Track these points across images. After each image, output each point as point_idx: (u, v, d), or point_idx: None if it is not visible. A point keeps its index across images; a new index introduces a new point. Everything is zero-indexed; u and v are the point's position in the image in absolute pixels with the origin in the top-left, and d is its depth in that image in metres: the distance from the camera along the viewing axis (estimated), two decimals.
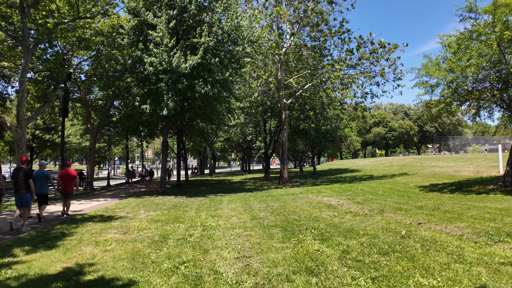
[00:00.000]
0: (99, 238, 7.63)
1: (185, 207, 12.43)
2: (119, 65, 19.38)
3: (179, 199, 15.37)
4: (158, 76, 16.84)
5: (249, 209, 11.25)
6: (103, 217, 10.88)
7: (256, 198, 14.88)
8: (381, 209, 10.09)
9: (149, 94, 17.40)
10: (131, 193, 20.86)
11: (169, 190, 22.16)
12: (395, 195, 14.15)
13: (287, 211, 10.38)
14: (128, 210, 12.30)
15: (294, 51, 22.66)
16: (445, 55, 15.23)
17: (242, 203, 13.24)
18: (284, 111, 24.14)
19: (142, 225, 9.04)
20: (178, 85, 16.87)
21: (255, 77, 22.38)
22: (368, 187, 17.86)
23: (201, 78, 16.89)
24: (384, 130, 79.89)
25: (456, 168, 25.85)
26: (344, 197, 13.38)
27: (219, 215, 10.16)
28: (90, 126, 25.25)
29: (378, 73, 23.10)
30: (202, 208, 12.10)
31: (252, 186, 24.64)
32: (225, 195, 16.87)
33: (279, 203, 12.62)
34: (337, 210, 10.11)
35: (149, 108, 16.50)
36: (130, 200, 15.80)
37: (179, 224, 8.86)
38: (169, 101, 15.77)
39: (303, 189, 18.82)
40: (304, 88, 24.79)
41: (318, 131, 31.31)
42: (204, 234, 7.50)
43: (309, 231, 7.27)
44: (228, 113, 26.88)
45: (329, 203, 11.84)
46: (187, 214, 10.62)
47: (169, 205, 13.32)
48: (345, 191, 16.51)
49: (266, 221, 8.86)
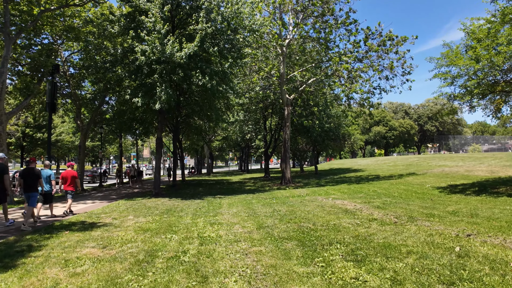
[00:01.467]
0: (71, 254, 6.12)
1: (180, 212, 10.92)
2: (110, 56, 17.81)
3: (173, 202, 13.85)
4: (151, 66, 15.33)
5: (254, 215, 9.76)
6: (84, 224, 9.36)
7: (259, 201, 13.39)
8: (409, 215, 8.62)
9: (141, 87, 15.88)
10: (122, 194, 19.32)
11: (164, 191, 20.62)
12: (415, 198, 12.70)
13: (298, 218, 8.89)
14: (115, 215, 10.78)
15: (298, 43, 21.17)
16: (468, 43, 13.80)
17: (245, 207, 11.75)
18: (287, 107, 22.64)
19: (127, 235, 7.53)
20: (173, 77, 15.35)
21: (257, 69, 20.82)
22: (380, 188, 16.42)
23: (198, 69, 15.38)
24: (385, 129, 78.55)
25: (467, 167, 24.49)
26: (359, 200, 11.91)
27: (219, 223, 8.66)
28: (80, 123, 23.67)
29: (387, 66, 21.67)
30: (200, 213, 10.60)
31: (253, 186, 23.15)
32: (224, 197, 15.37)
33: (287, 207, 11.14)
34: (358, 217, 8.63)
35: (141, 102, 14.96)
36: (119, 203, 14.27)
37: (172, 235, 7.35)
38: (162, 94, 14.24)
39: (308, 190, 17.35)
40: (307, 83, 23.31)
41: (321, 129, 29.83)
42: (201, 250, 6.00)
43: (334, 247, 5.79)
44: (227, 109, 25.39)
45: (345, 207, 10.36)
46: (181, 221, 9.11)
47: (162, 209, 11.81)
48: (356, 193, 15.06)
49: (276, 230, 7.38)
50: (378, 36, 21.47)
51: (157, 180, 17.31)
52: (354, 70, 20.41)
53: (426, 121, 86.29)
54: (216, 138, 50.45)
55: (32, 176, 9.40)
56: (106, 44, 18.57)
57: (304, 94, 23.75)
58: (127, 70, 16.44)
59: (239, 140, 47.44)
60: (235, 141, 49.45)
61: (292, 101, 23.51)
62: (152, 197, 16.54)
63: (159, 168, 17.55)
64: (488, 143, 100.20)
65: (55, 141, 43.92)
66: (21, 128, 41.01)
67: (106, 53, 18.53)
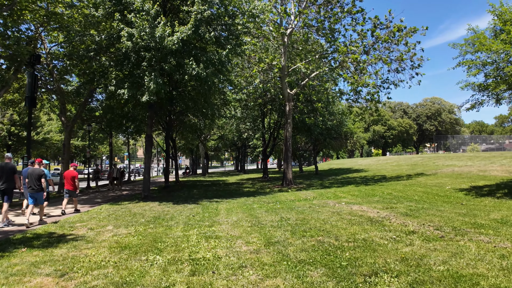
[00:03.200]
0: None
1: (169, 221, 9.19)
2: (94, 44, 16.00)
3: (164, 207, 12.11)
4: (138, 54, 13.58)
5: (258, 225, 8.07)
6: (51, 237, 7.62)
7: (262, 206, 11.70)
8: (451, 225, 6.99)
9: (128, 77, 14.15)
10: (109, 197, 17.55)
11: (155, 193, 18.87)
12: (441, 202, 11.07)
13: (314, 229, 7.22)
14: (92, 225, 9.04)
15: (301, 32, 19.48)
16: (495, 27, 12.23)
17: (246, 213, 10.05)
18: (288, 103, 20.95)
19: (98, 256, 5.82)
20: (164, 65, 13.62)
21: (257, 60, 19.08)
22: (394, 191, 14.79)
23: (192, 56, 13.66)
24: (383, 128, 77.16)
25: (479, 167, 22.98)
26: (378, 206, 10.25)
27: (217, 236, 6.96)
28: (64, 120, 21.80)
29: (396, 58, 20.05)
30: (193, 222, 8.88)
31: (252, 188, 21.45)
32: (221, 201, 13.65)
33: (296, 214, 9.46)
34: (389, 229, 6.97)
35: (127, 94, 13.20)
36: (102, 208, 12.50)
37: (155, 255, 5.63)
38: (151, 83, 12.50)
39: (314, 193, 15.68)
40: (310, 76, 21.64)
41: (323, 127, 28.16)
42: (193, 282, 4.29)
43: (380, 279, 4.11)
44: (224, 105, 23.67)
45: (367, 215, 8.69)
46: (170, 234, 7.39)
47: (149, 216, 10.07)
48: (370, 196, 13.41)
49: (290, 249, 5.70)
50: (386, 26, 19.85)
51: (146, 181, 15.54)
52: (362, 62, 18.76)
53: (425, 120, 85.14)
54: (211, 137, 48.68)
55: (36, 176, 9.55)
56: (91, 32, 16.77)
57: (306, 88, 22.07)
58: (113, 59, 14.65)
59: (236, 140, 45.73)
60: (231, 141, 47.73)
61: (293, 96, 21.83)
62: (141, 200, 14.78)
63: (148, 168, 15.79)
64: (486, 142, 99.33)
65: (42, 140, 41.91)
66: (6, 127, 38.98)
67: (91, 42, 16.74)
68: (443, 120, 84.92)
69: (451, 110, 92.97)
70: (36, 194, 9.52)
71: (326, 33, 19.70)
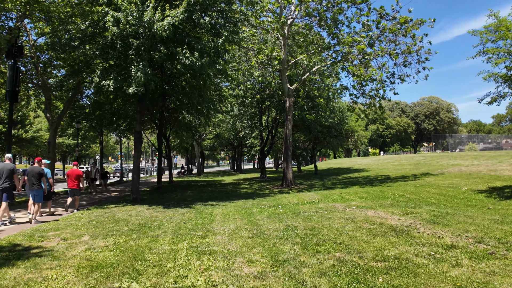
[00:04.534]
0: None
1: (156, 229, 7.92)
2: (79, 33, 14.66)
3: (152, 212, 10.82)
4: (125, 41, 12.27)
5: (260, 235, 6.84)
6: (12, 251, 6.33)
7: (262, 210, 10.46)
8: (495, 237, 5.79)
9: (114, 68, 12.84)
10: (95, 200, 16.21)
11: (146, 195, 17.58)
12: (463, 206, 9.90)
13: (329, 242, 6.00)
14: (67, 234, 7.75)
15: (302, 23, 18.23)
16: None
17: (245, 219, 8.81)
18: (288, 99, 19.72)
19: (59, 281, 4.56)
20: (154, 54, 12.34)
21: (256, 51, 17.78)
22: (405, 192, 13.60)
23: (186, 44, 12.38)
24: (381, 127, 76.19)
25: (487, 167, 21.90)
26: (395, 211, 9.04)
27: (211, 251, 5.71)
28: (50, 116, 20.41)
29: (403, 51, 18.89)
30: (184, 231, 7.61)
31: (249, 189, 20.21)
32: (217, 204, 12.39)
33: (303, 220, 8.22)
34: (420, 241, 5.75)
35: (113, 85, 11.88)
36: (84, 213, 11.20)
37: (131, 282, 4.37)
38: (138, 73, 11.20)
39: (318, 195, 14.47)
40: (312, 70, 20.43)
41: (323, 125, 26.94)
42: None
43: None
44: (220, 102, 22.39)
45: (387, 222, 7.47)
46: (155, 248, 6.13)
47: (134, 223, 8.79)
48: (381, 199, 12.22)
49: (305, 272, 4.47)
50: (393, 17, 18.65)
51: (135, 182, 14.22)
52: (368, 54, 17.55)
53: (423, 119, 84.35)
54: (207, 136, 47.32)
55: (35, 174, 9.83)
56: (75, 20, 15.43)
57: (307, 83, 20.82)
58: (98, 48, 13.32)
59: (232, 138, 44.42)
60: (228, 139, 46.41)
61: (293, 92, 20.59)
62: (129, 203, 13.47)
63: (137, 168, 14.46)
64: (483, 142, 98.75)
65: (31, 139, 40.37)
66: None
67: (76, 31, 15.40)
68: (442, 119, 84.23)
69: (448, 109, 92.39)
70: (35, 191, 9.73)
71: (329, 24, 18.47)
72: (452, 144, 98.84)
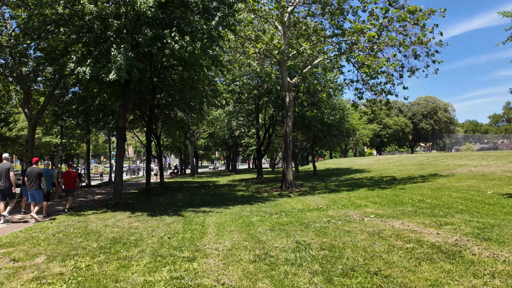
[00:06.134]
0: None
1: (132, 247, 6.28)
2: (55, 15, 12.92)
3: (133, 221, 9.15)
4: (105, 23, 10.61)
5: (265, 258, 5.23)
6: None
7: (264, 219, 8.86)
8: None
9: (91, 53, 11.17)
10: (75, 203, 14.44)
11: (131, 199, 15.89)
12: (501, 214, 8.36)
13: (361, 272, 4.42)
14: (19, 253, 6.12)
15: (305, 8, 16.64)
16: None
17: (244, 233, 7.20)
18: (288, 93, 18.13)
19: None
20: (138, 37, 10.69)
21: (254, 39, 16.13)
22: (423, 196, 12.06)
23: (175, 26, 10.75)
24: (379, 127, 74.91)
25: (499, 167, 20.51)
26: (426, 221, 7.47)
27: (200, 286, 4.10)
28: (27, 111, 18.62)
29: (413, 42, 17.39)
30: (166, 249, 5.98)
31: (246, 192, 18.59)
32: (210, 211, 10.76)
33: (316, 235, 6.64)
34: (485, 270, 4.19)
35: (89, 72, 10.19)
36: (53, 222, 9.51)
37: None
38: (119, 57, 9.54)
39: (324, 199, 12.90)
40: (314, 63, 18.87)
41: (323, 123, 25.38)
42: None
43: None
44: (214, 97, 20.75)
45: (425, 239, 5.89)
46: (124, 277, 4.50)
47: (107, 238, 7.13)
48: (397, 204, 10.67)
49: None
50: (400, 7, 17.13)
51: (118, 185, 12.51)
52: (378, 44, 16.01)
53: (420, 119, 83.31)
54: (201, 135, 45.64)
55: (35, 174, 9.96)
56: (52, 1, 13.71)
57: (309, 77, 19.24)
58: (74, 31, 11.61)
59: (227, 138, 42.78)
60: (222, 139, 44.75)
61: (294, 86, 19.01)
62: (109, 209, 11.78)
63: (120, 168, 12.76)
64: (480, 142, 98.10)
65: (15, 137, 38.39)
66: None
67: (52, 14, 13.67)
68: (439, 118, 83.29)
69: (446, 108, 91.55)
70: (35, 192, 9.88)
71: (334, 11, 16.90)
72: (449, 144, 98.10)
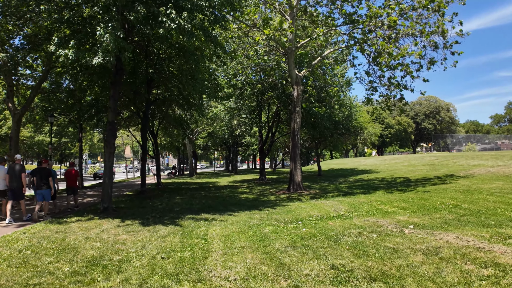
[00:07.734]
0: None
1: (114, 273, 4.72)
2: None
3: (120, 232, 7.59)
4: None
5: None
6: None
7: (278, 231, 7.32)
8: None
9: (75, 34, 9.62)
10: (60, 207, 12.84)
11: (125, 202, 14.32)
12: None
13: None
14: None
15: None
16: None
17: (258, 251, 5.68)
18: (297, 87, 16.62)
19: None
20: (128, 15, 9.16)
21: (261, 23, 14.53)
22: (455, 200, 10.55)
23: (171, 3, 9.21)
24: (381, 127, 73.48)
25: None
26: (483, 233, 5.95)
27: None
28: (11, 106, 17.06)
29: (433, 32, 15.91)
30: (158, 277, 4.43)
31: (250, 194, 17.07)
32: (213, 219, 9.20)
33: (353, 255, 5.12)
34: None
35: (72, 55, 8.63)
36: (26, 232, 7.94)
37: None
38: (106, 36, 8.00)
39: (342, 204, 11.38)
40: (323, 55, 17.37)
41: (331, 120, 23.86)
42: None
43: None
44: (215, 91, 19.24)
45: (502, 261, 4.38)
46: None
47: (84, 256, 5.58)
48: (431, 210, 9.14)
49: None
50: None
51: (106, 188, 10.95)
52: (396, 32, 14.51)
53: (423, 118, 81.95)
54: (200, 134, 44.08)
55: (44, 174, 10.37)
56: None
57: (319, 69, 17.72)
58: (56, 9, 10.04)
59: (227, 137, 41.22)
60: (222, 138, 43.18)
61: (302, 79, 17.48)
62: (96, 216, 10.21)
63: (110, 168, 11.21)
64: (481, 142, 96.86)
65: (5, 136, 36.74)
66: None
67: None
68: (442, 118, 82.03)
69: (448, 108, 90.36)
70: (44, 191, 10.21)
71: None
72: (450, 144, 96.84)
